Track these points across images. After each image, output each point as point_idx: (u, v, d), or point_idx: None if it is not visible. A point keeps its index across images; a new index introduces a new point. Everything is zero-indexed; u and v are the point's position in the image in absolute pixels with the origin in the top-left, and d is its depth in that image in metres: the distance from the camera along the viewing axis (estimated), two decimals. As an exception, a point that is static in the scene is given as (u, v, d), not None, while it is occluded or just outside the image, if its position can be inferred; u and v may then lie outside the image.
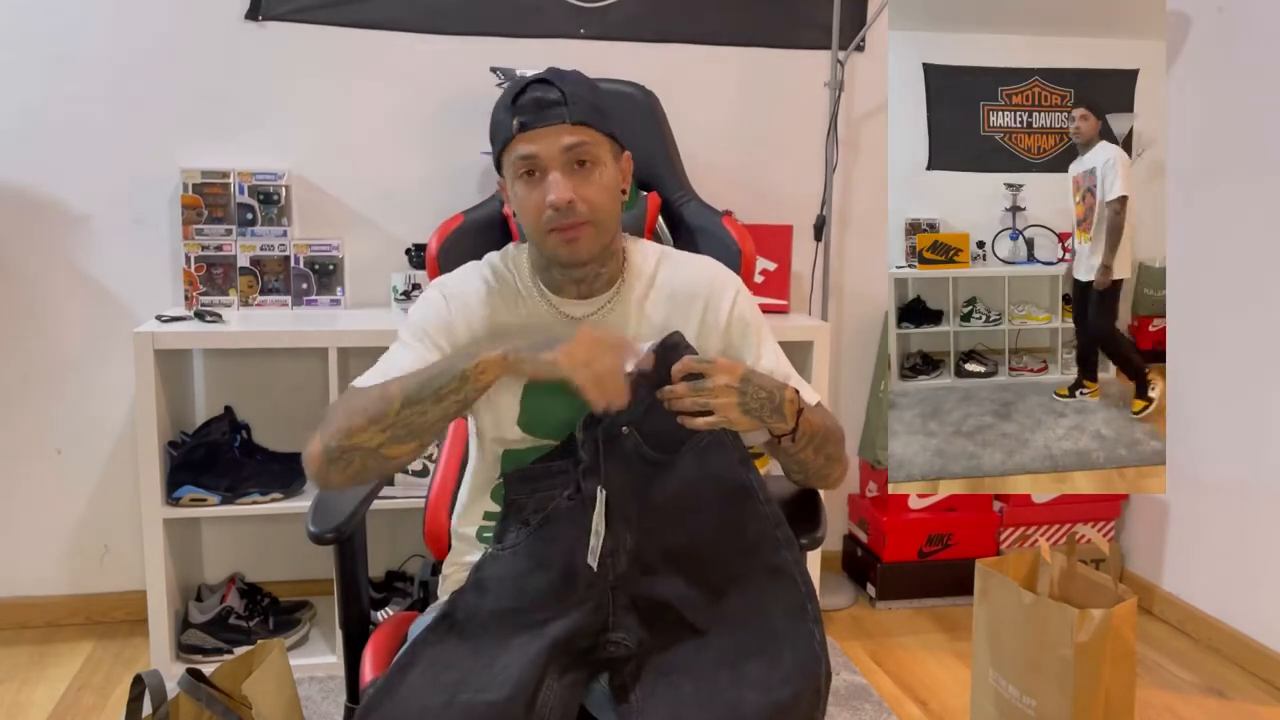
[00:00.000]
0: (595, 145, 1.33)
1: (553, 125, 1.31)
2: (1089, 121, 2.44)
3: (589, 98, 1.35)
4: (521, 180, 1.33)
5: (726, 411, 1.29)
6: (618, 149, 1.39)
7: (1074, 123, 2.45)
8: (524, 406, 1.39)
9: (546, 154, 1.31)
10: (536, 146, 1.31)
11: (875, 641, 2.74)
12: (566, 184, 1.30)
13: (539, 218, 1.32)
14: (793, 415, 1.34)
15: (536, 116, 1.31)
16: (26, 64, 2.55)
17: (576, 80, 1.36)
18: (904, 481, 2.49)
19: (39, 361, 2.65)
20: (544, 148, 1.31)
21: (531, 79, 1.34)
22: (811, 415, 1.38)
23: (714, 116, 2.88)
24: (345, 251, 2.69)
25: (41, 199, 2.60)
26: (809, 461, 1.41)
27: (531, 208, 1.33)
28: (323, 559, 2.63)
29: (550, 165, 1.31)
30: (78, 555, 2.73)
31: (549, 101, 1.31)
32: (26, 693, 2.39)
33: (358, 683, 1.42)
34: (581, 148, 1.32)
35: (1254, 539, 2.62)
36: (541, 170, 1.32)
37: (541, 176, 1.32)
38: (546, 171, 1.31)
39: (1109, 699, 1.94)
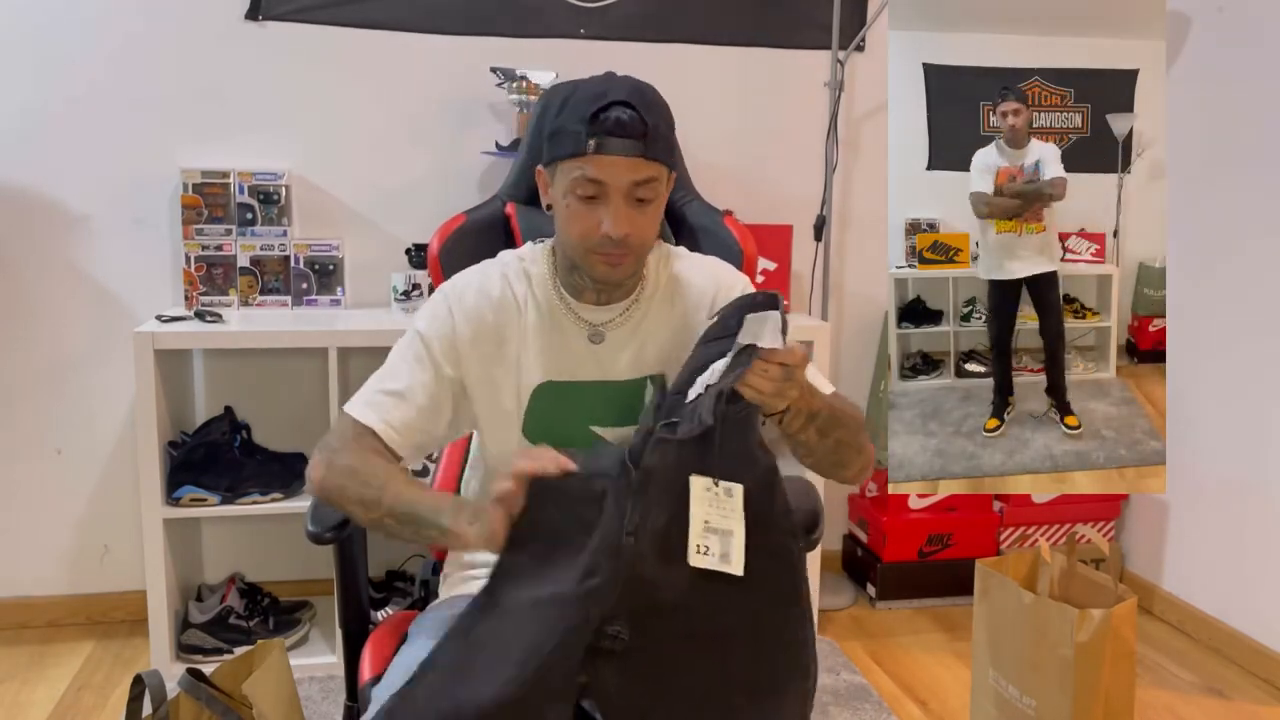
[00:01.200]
0: (660, 182, 1.31)
1: (628, 156, 1.26)
2: (1022, 116, 2.42)
3: (665, 131, 1.30)
4: (577, 197, 1.29)
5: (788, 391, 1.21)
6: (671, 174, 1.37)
7: (1007, 119, 2.41)
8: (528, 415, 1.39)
9: (614, 184, 1.27)
10: (606, 174, 1.26)
11: (875, 641, 2.74)
12: (626, 218, 1.28)
13: (587, 239, 1.30)
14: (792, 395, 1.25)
15: (615, 143, 1.25)
16: (26, 64, 2.55)
17: (659, 108, 1.31)
18: (904, 481, 2.49)
19: (39, 361, 2.65)
20: (613, 177, 1.26)
21: (613, 98, 1.27)
22: (814, 396, 1.30)
23: (714, 116, 2.88)
24: (345, 251, 2.69)
25: (41, 199, 2.60)
26: (814, 445, 1.32)
27: (582, 229, 1.29)
28: (323, 559, 2.62)
29: (614, 194, 1.27)
30: (78, 555, 2.73)
31: (632, 131, 1.26)
32: (26, 693, 2.39)
33: (357, 682, 1.42)
34: (648, 185, 1.28)
35: (1254, 539, 2.62)
36: (603, 196, 1.28)
37: (601, 201, 1.28)
38: (608, 199, 1.28)
39: (1109, 699, 1.94)
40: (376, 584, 2.69)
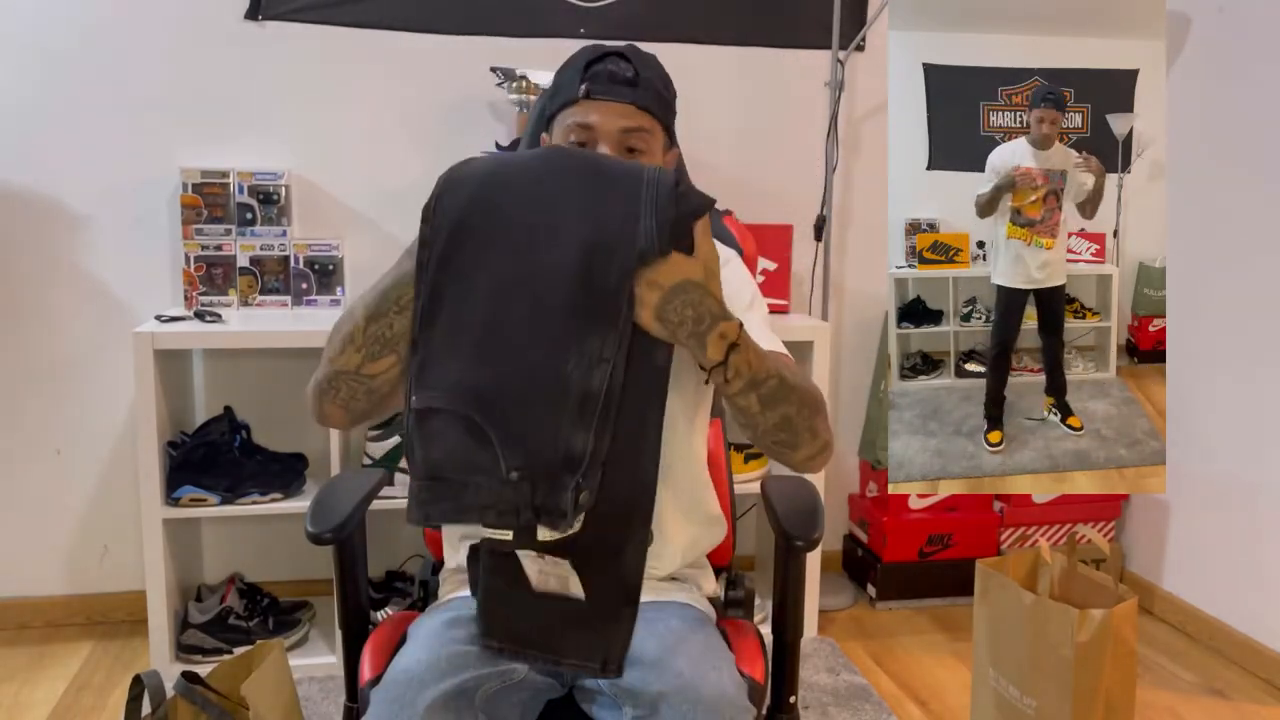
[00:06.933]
0: (651, 134, 1.34)
1: (618, 102, 1.31)
2: (1057, 124, 2.43)
3: (659, 86, 1.34)
4: (571, 145, 1.33)
5: (640, 307, 1.14)
6: (669, 143, 1.39)
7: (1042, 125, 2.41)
8: None
9: (603, 128, 1.31)
10: (597, 118, 1.31)
11: (875, 642, 2.74)
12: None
13: None
14: (721, 350, 1.17)
15: (605, 89, 1.31)
16: (26, 64, 2.55)
17: (653, 65, 1.35)
18: (904, 481, 2.49)
19: (39, 361, 2.65)
20: (603, 120, 1.31)
21: (611, 49, 1.33)
22: (757, 360, 1.21)
23: (714, 116, 2.88)
24: (345, 251, 2.69)
25: (41, 199, 2.60)
26: (756, 417, 1.24)
27: None
28: (323, 559, 2.63)
29: (603, 140, 1.32)
30: (78, 555, 2.73)
31: (622, 78, 1.31)
32: (26, 693, 2.39)
33: (357, 683, 1.42)
34: (638, 134, 1.32)
35: (1254, 539, 2.62)
36: (592, 142, 1.32)
37: (590, 147, 1.32)
38: (597, 144, 1.32)
39: (1109, 699, 1.94)
40: (376, 584, 2.69)
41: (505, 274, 1.14)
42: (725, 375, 1.19)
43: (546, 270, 1.13)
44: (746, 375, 1.20)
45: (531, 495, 1.12)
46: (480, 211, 1.16)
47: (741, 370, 1.19)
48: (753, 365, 1.20)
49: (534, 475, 1.12)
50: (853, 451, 3.13)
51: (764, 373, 1.21)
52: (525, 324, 1.13)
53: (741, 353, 1.18)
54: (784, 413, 1.24)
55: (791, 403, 1.24)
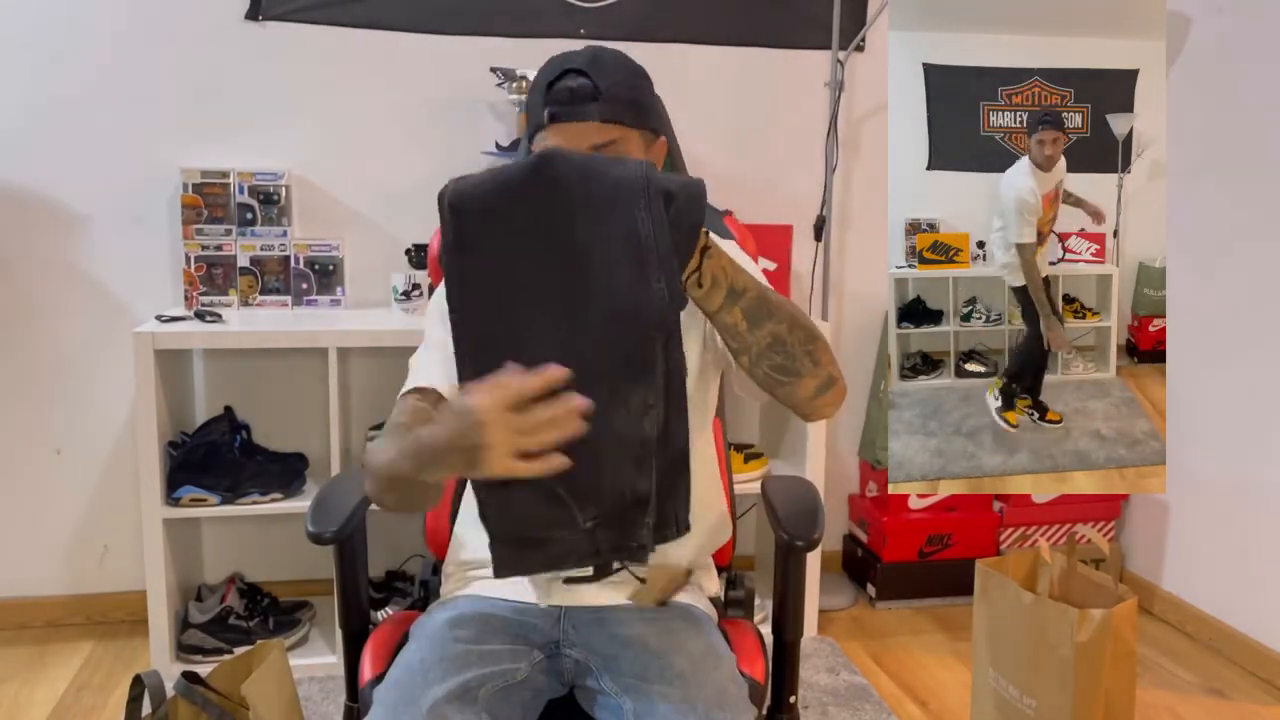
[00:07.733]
0: (624, 143, 1.30)
1: (583, 121, 1.27)
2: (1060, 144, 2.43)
3: (624, 91, 1.30)
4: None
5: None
6: (651, 137, 1.35)
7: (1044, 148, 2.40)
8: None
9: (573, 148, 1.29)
10: (563, 140, 1.27)
11: (875, 641, 2.74)
12: None
13: None
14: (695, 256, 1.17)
15: (567, 111, 1.27)
16: (26, 64, 2.55)
17: (615, 67, 1.31)
18: (904, 481, 2.49)
19: (39, 361, 2.65)
20: (570, 142, 1.27)
21: (567, 66, 1.29)
22: (733, 268, 1.20)
23: (714, 116, 2.88)
24: (345, 251, 2.69)
25: (41, 199, 2.60)
26: (746, 338, 1.21)
27: None
28: (323, 559, 2.64)
29: None
30: (78, 555, 2.73)
31: (581, 95, 1.27)
32: (26, 693, 2.39)
33: (357, 682, 1.42)
34: (609, 146, 1.28)
35: (1254, 539, 2.62)
36: None
37: None
38: None
39: (1109, 699, 1.94)
40: (376, 584, 2.69)
41: (545, 348, 1.15)
42: (700, 282, 1.18)
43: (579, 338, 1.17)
44: (725, 284, 1.19)
45: (610, 537, 1.22)
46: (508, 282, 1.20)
47: (718, 278, 1.19)
48: (728, 272, 1.20)
49: (609, 519, 1.21)
50: (853, 451, 3.13)
51: (741, 284, 1.21)
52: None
53: (714, 258, 1.19)
54: (773, 330, 1.21)
55: (779, 320, 1.21)
